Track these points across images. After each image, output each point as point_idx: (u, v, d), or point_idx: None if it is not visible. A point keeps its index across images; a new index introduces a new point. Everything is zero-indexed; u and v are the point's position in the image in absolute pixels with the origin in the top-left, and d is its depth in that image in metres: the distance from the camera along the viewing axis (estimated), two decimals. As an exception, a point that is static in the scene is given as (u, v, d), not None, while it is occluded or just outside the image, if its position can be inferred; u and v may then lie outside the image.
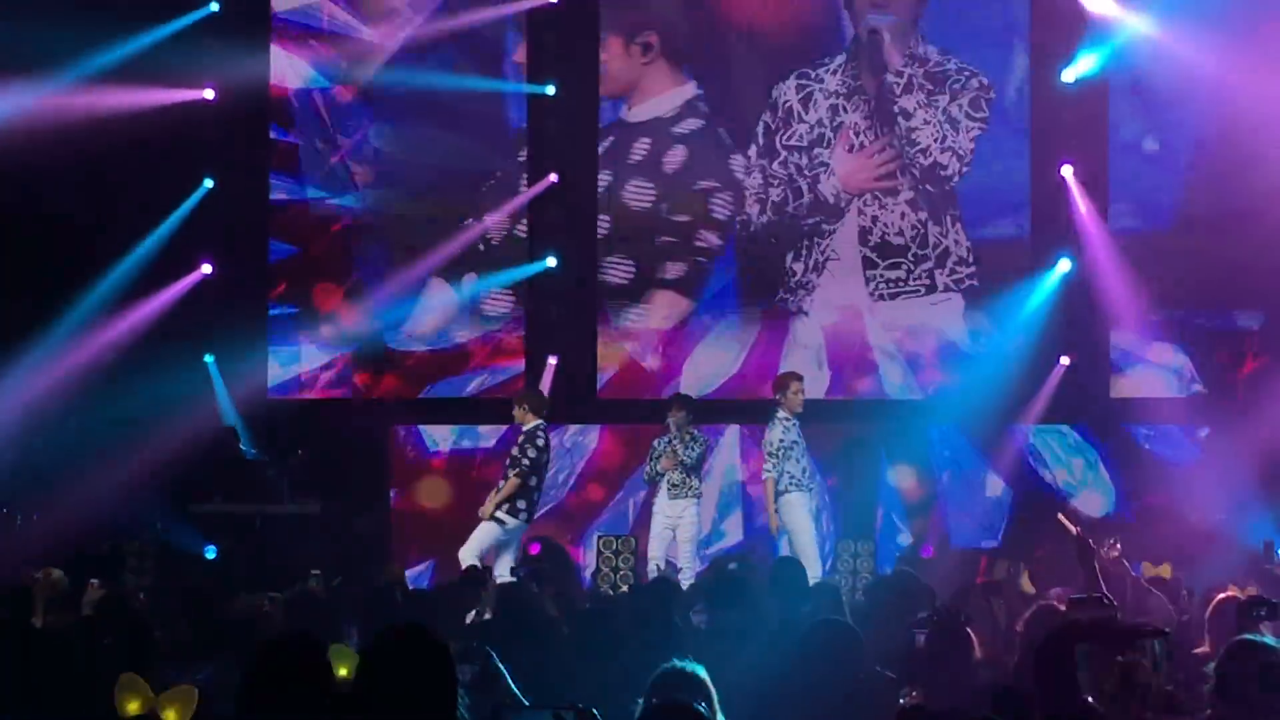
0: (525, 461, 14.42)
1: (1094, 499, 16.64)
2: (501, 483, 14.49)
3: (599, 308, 17.30)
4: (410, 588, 12.85)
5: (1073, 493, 16.67)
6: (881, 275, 17.01)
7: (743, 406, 16.68)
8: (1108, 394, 16.65)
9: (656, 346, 17.27)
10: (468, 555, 14.03)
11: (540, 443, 14.52)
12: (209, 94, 17.29)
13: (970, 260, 16.89)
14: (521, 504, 14.39)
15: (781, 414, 14.29)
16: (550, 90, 17.32)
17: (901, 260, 16.99)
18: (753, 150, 17.19)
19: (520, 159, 17.43)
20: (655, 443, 14.82)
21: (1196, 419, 16.52)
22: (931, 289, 16.95)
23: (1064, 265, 16.59)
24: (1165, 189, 16.59)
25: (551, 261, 17.30)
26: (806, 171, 17.15)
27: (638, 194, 17.35)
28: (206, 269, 17.36)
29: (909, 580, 10.51)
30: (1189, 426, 16.56)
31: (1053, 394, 16.50)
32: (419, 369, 17.49)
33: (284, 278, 17.63)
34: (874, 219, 17.06)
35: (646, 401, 16.69)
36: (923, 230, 16.96)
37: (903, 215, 17.00)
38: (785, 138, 17.21)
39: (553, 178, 17.30)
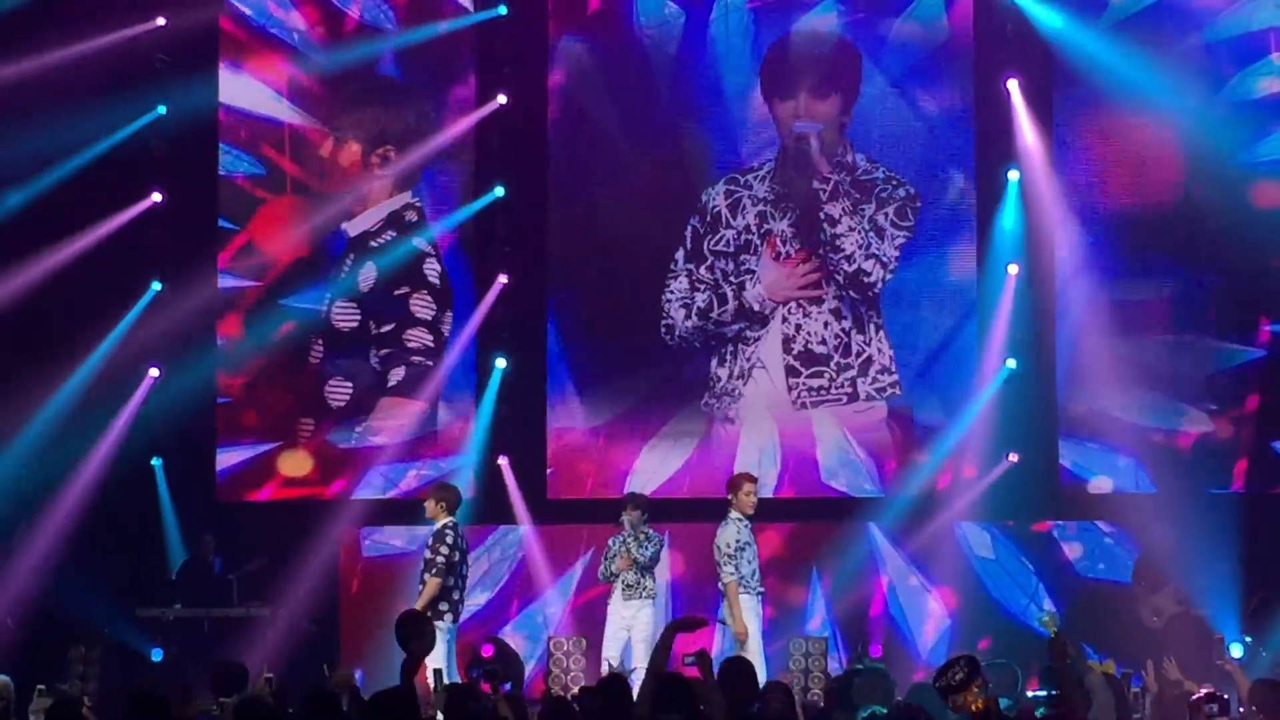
0: (440, 561, 13.77)
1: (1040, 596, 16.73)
2: (420, 587, 13.96)
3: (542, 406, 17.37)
4: (359, 691, 12.75)
5: (1014, 590, 16.77)
6: (804, 384, 17.10)
7: (684, 506, 16.69)
8: (1057, 491, 16.73)
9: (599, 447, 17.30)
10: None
11: (450, 540, 13.86)
12: (156, 197, 17.32)
13: (892, 369, 17.00)
14: (444, 606, 13.69)
15: (734, 514, 14.19)
16: (500, 191, 17.45)
17: (824, 369, 17.09)
18: (680, 254, 17.31)
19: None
20: (610, 542, 14.75)
21: (1141, 518, 16.64)
22: (854, 398, 17.05)
23: (1010, 363, 16.73)
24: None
25: (501, 363, 17.37)
26: (733, 278, 17.27)
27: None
28: (154, 372, 17.28)
29: (865, 678, 10.54)
30: (1134, 524, 16.67)
31: (992, 489, 16.59)
32: (368, 467, 17.46)
33: (232, 376, 17.61)
34: (797, 327, 17.17)
35: (595, 500, 16.71)
36: (846, 339, 17.07)
37: (825, 324, 17.12)
38: (713, 243, 17.33)
39: (503, 279, 17.39)
